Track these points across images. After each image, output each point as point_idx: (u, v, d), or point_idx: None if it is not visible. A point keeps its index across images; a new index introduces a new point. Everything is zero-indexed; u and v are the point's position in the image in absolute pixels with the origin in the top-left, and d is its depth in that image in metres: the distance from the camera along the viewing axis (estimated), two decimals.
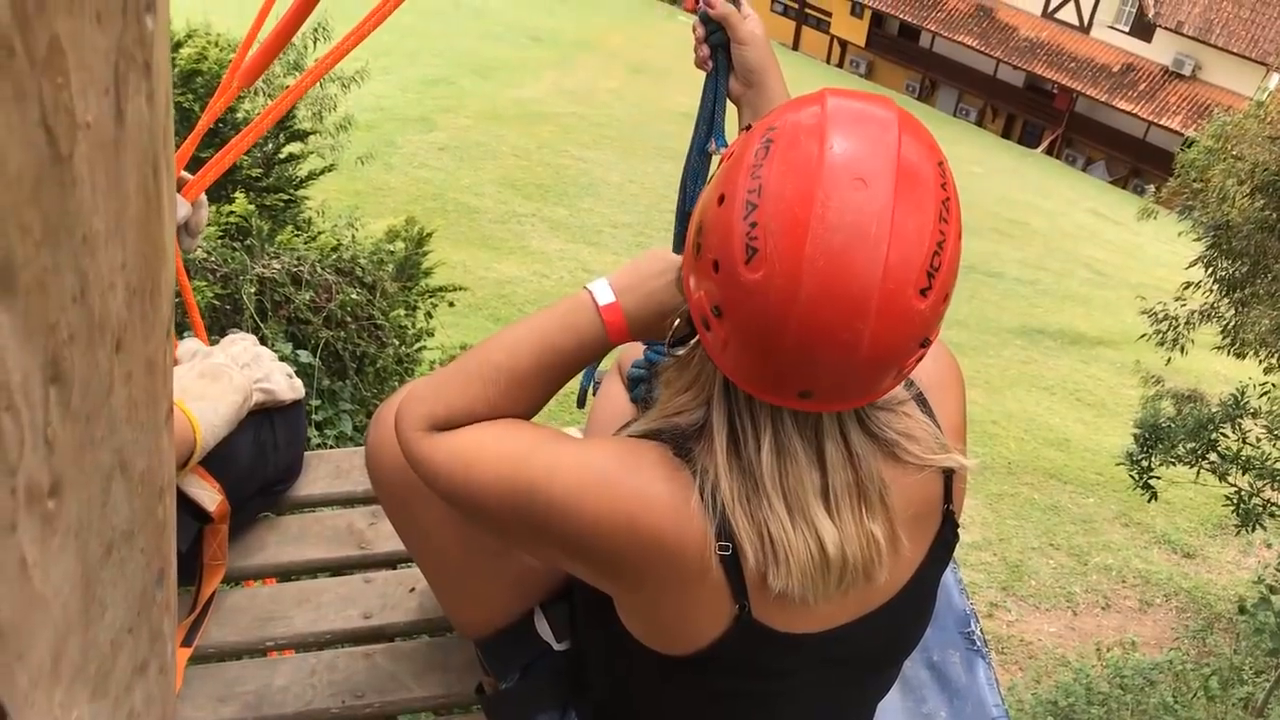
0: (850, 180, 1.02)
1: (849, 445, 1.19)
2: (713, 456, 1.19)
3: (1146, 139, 29.14)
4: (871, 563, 1.21)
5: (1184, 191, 8.93)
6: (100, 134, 0.57)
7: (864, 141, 1.06)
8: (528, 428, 1.34)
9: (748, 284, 1.05)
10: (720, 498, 1.18)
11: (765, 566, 1.18)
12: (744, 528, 1.18)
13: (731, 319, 1.09)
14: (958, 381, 1.43)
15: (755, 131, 1.12)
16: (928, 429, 1.28)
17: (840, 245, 1.01)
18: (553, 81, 22.37)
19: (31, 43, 0.49)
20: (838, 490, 1.18)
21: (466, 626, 1.67)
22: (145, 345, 0.69)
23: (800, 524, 1.17)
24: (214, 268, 3.79)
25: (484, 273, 13.03)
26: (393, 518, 1.67)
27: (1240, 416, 7.67)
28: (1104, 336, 15.38)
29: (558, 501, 1.22)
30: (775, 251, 1.03)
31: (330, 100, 10.42)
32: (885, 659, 1.46)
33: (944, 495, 1.32)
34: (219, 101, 1.86)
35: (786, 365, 1.08)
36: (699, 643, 1.25)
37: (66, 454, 0.61)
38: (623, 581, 1.27)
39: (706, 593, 1.21)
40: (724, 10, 1.70)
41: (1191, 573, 10.08)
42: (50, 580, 0.62)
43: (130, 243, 0.63)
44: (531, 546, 1.37)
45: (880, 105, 1.11)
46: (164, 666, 0.87)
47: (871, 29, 33.35)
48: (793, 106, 1.13)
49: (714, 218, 1.10)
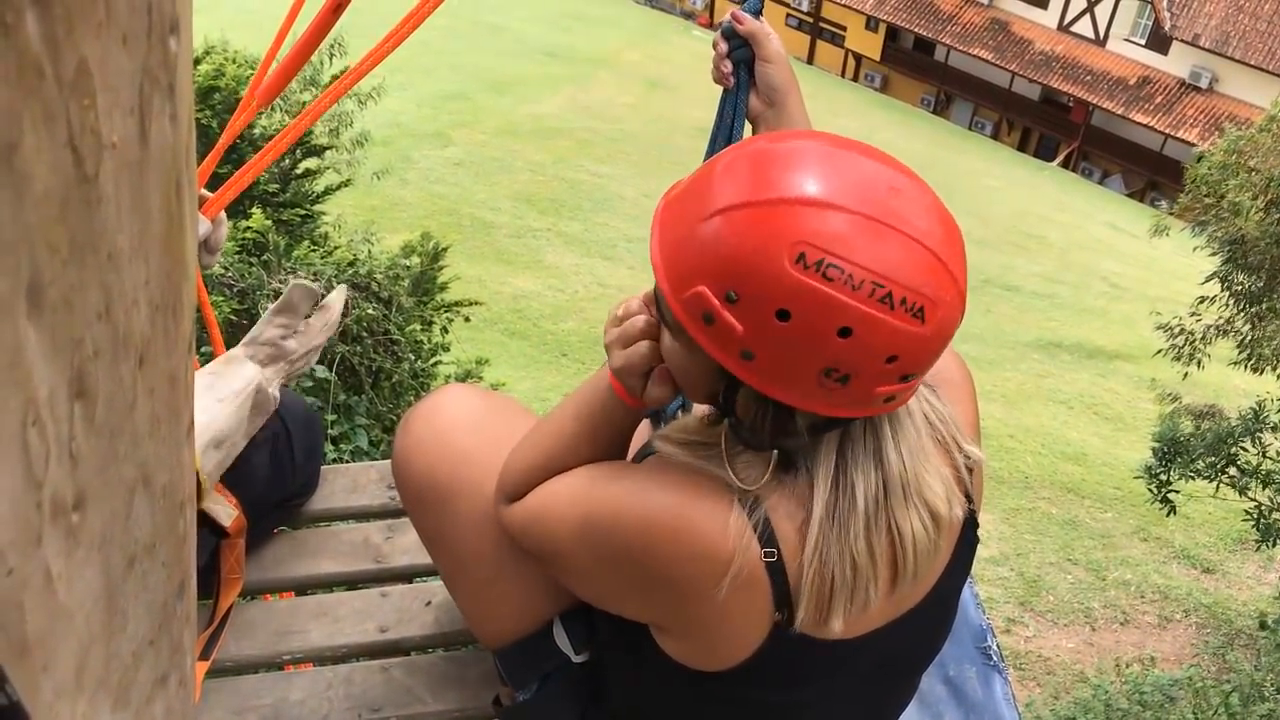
0: (886, 189, 1.06)
1: (904, 434, 1.21)
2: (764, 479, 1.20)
3: (1163, 152, 28.98)
4: (925, 557, 1.23)
5: (1197, 206, 8.88)
6: (126, 154, 0.58)
7: (876, 164, 1.11)
8: (588, 469, 1.36)
9: (921, 335, 1.07)
10: (764, 508, 1.18)
11: (826, 592, 1.19)
12: (811, 551, 1.17)
13: (900, 364, 1.09)
14: (967, 379, 1.43)
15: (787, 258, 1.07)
16: (947, 419, 1.29)
17: (935, 236, 1.07)
18: (569, 97, 22.45)
19: (60, 65, 0.50)
20: (896, 489, 1.19)
21: (487, 635, 1.67)
22: (168, 360, 0.70)
23: (867, 526, 1.18)
24: (231, 283, 3.81)
25: (499, 287, 13.07)
26: (418, 524, 1.68)
27: (1260, 430, 7.61)
28: (1121, 350, 15.30)
29: (612, 521, 1.24)
30: (929, 293, 1.06)
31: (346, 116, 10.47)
32: (911, 665, 1.46)
33: (965, 492, 1.32)
34: (239, 120, 1.88)
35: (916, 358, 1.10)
36: (738, 657, 1.25)
37: (91, 468, 0.61)
38: (671, 597, 1.25)
39: (748, 602, 1.20)
40: (753, 27, 1.69)
41: (1211, 588, 9.99)
42: (74, 593, 0.63)
43: (154, 260, 0.64)
44: (610, 587, 1.35)
45: (805, 136, 1.17)
46: (184, 679, 0.88)
47: (886, 43, 33.33)
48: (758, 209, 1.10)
49: (841, 347, 1.06)
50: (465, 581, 1.63)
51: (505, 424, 1.57)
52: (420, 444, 1.56)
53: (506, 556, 1.54)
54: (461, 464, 1.54)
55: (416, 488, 1.59)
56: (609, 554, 1.26)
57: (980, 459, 1.31)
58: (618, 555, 1.25)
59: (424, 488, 1.56)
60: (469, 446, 1.54)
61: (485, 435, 1.56)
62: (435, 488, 1.49)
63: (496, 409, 1.59)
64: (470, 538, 1.55)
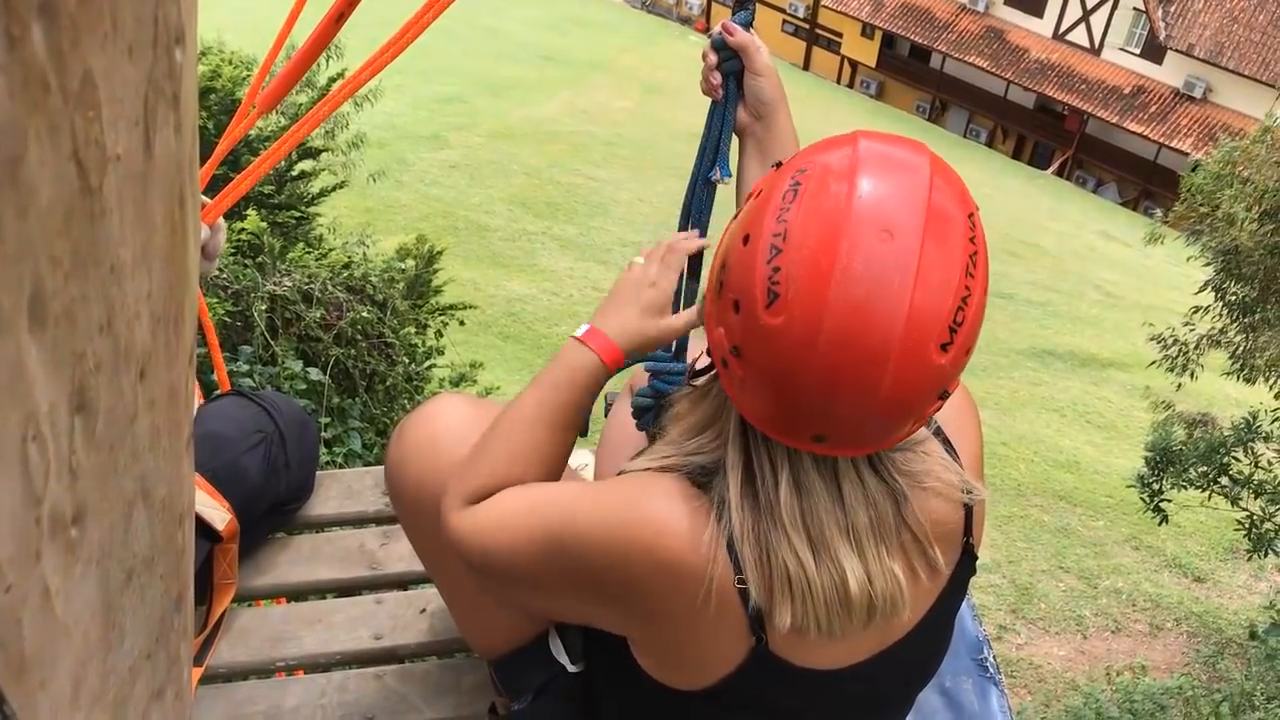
0: (877, 231, 1.02)
1: (865, 486, 1.19)
2: (728, 491, 1.19)
3: (1157, 161, 29.06)
4: (896, 599, 1.21)
5: (1191, 215, 8.90)
6: (129, 166, 0.57)
7: (893, 190, 1.05)
8: (548, 485, 1.36)
9: (768, 328, 1.05)
10: (732, 532, 1.17)
11: (773, 603, 1.18)
12: (751, 564, 1.17)
13: (750, 360, 1.09)
14: (974, 415, 1.43)
15: (784, 171, 1.11)
16: (949, 466, 1.27)
17: (862, 297, 1.01)
18: (565, 100, 22.44)
19: (66, 77, 0.50)
20: (859, 529, 1.18)
21: (482, 646, 1.66)
22: (169, 373, 0.69)
23: (825, 560, 1.17)
24: (225, 284, 3.80)
25: (494, 291, 13.05)
26: (411, 534, 1.67)
27: (1252, 440, 7.62)
28: (1115, 358, 15.32)
29: (581, 537, 1.23)
30: (797, 298, 1.02)
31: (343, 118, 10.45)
32: (901, 695, 1.45)
33: (964, 528, 1.32)
34: (237, 128, 1.87)
35: (802, 409, 1.08)
36: (712, 677, 1.25)
37: (90, 482, 0.61)
38: (637, 613, 1.27)
39: (722, 625, 1.21)
40: (743, 39, 1.68)
41: (1203, 597, 10.00)
42: (72, 608, 0.62)
43: (156, 272, 0.64)
44: (566, 598, 1.35)
45: (913, 151, 1.10)
46: (180, 692, 0.87)
47: (882, 50, 33.38)
48: (824, 147, 1.12)
49: (738, 258, 1.10)
50: (459, 592, 1.62)
51: None
52: (413, 454, 1.55)
53: None
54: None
55: (410, 498, 1.58)
56: (573, 573, 1.26)
57: (982, 496, 1.31)
58: (584, 573, 1.25)
59: (417, 498, 1.55)
60: (461, 456, 1.53)
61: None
62: (428, 498, 1.48)
63: (489, 418, 1.59)
64: None
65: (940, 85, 32.69)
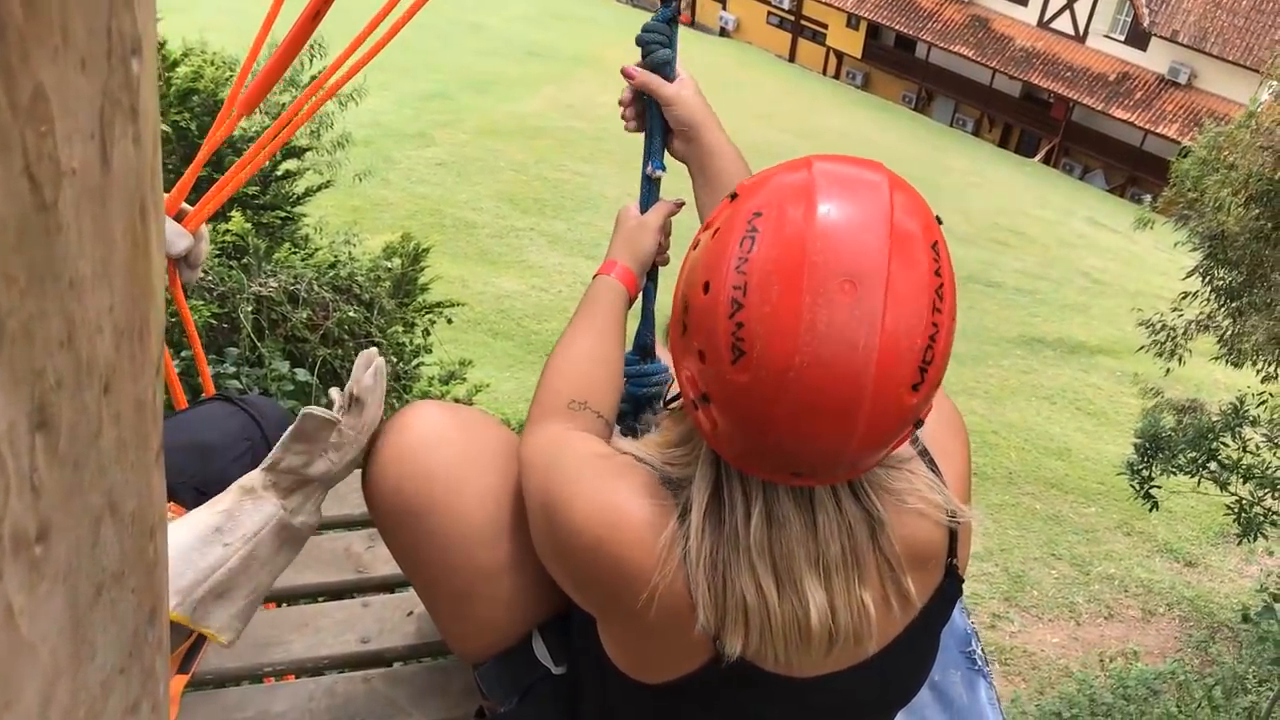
0: (839, 282, 0.99)
1: (842, 513, 1.18)
2: (691, 511, 1.19)
3: (1143, 147, 29.18)
4: (860, 630, 1.21)
5: (1180, 201, 8.94)
6: (86, 180, 0.57)
7: (853, 231, 1.01)
8: (571, 444, 1.38)
9: (735, 384, 1.04)
10: (689, 553, 1.18)
11: (724, 630, 1.18)
12: (703, 588, 1.17)
13: (719, 409, 1.09)
14: (960, 431, 1.42)
15: (740, 210, 1.07)
16: (934, 486, 1.26)
17: (829, 355, 0.99)
18: (550, 96, 22.40)
19: (15, 93, 0.49)
20: (831, 559, 1.17)
21: (464, 651, 1.66)
22: (134, 385, 0.69)
23: (789, 592, 1.16)
24: (210, 286, 3.78)
25: (482, 288, 13.05)
26: (390, 543, 1.67)
27: (1240, 425, 7.66)
28: (1103, 345, 15.39)
29: (557, 508, 1.28)
30: (763, 357, 1.01)
31: (327, 117, 10.42)
32: (878, 707, 1.43)
33: (948, 549, 1.31)
34: (219, 131, 1.86)
35: (776, 453, 1.08)
36: (673, 673, 1.25)
37: (54, 499, 0.60)
38: (593, 602, 1.30)
39: (674, 629, 1.21)
40: (644, 79, 1.76)
41: (1194, 582, 10.06)
42: (38, 626, 0.61)
43: (118, 286, 0.63)
44: (556, 566, 1.37)
45: (870, 180, 1.07)
46: (156, 705, 0.87)
47: (868, 41, 33.43)
48: (778, 180, 1.09)
49: (700, 305, 1.07)
50: (440, 599, 1.61)
51: (474, 439, 1.56)
52: (389, 462, 1.54)
53: (479, 572, 1.52)
54: (429, 480, 1.52)
55: (387, 506, 1.57)
56: (557, 535, 1.29)
57: (966, 520, 1.30)
58: (565, 540, 1.28)
59: (394, 506, 1.54)
60: (436, 463, 1.52)
61: (453, 451, 1.54)
62: (405, 506, 1.48)
63: (464, 424, 1.58)
64: (442, 555, 1.53)
65: (926, 75, 32.76)
